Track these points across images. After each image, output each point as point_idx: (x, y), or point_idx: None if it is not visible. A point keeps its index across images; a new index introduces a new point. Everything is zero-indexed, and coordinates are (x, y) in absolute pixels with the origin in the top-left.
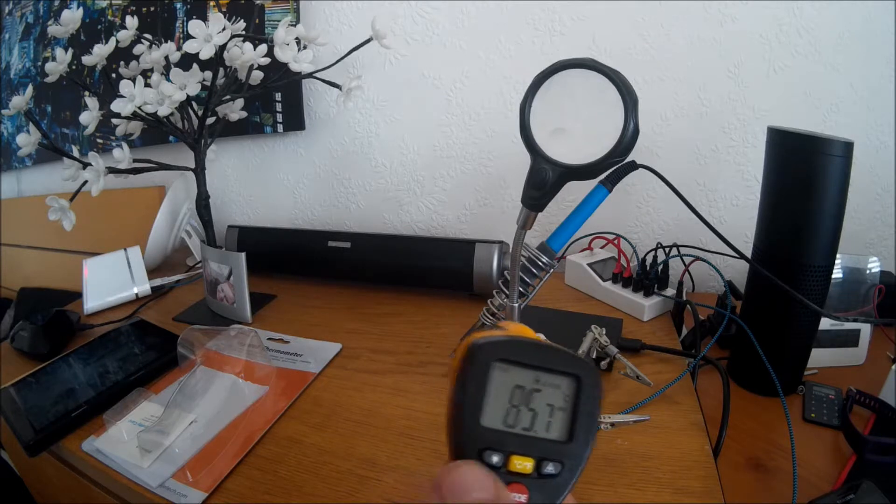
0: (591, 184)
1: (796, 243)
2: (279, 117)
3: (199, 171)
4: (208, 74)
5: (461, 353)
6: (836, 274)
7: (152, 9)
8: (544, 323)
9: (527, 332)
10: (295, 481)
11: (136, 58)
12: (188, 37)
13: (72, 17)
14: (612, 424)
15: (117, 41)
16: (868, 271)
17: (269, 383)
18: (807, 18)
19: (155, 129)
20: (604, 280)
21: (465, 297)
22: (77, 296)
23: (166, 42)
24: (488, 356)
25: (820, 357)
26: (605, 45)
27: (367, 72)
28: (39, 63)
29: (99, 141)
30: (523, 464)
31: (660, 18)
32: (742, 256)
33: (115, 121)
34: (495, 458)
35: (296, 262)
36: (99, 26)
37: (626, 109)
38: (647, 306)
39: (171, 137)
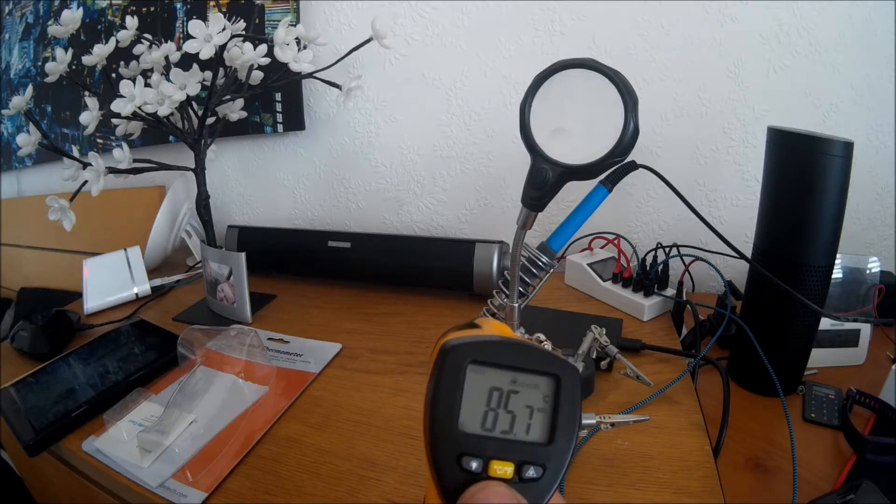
0: (591, 184)
1: (796, 243)
2: (279, 117)
3: (199, 171)
4: (208, 74)
5: (433, 355)
6: (836, 274)
7: (152, 9)
8: (544, 323)
9: (504, 330)
10: (295, 481)
11: (136, 58)
12: (188, 37)
13: (72, 17)
14: (612, 424)
15: (117, 41)
16: (868, 271)
17: (269, 383)
18: (807, 18)
19: (155, 129)
20: (604, 280)
21: (465, 297)
22: (77, 296)
23: (166, 42)
24: (461, 358)
25: (820, 357)
26: (605, 45)
27: (367, 72)
28: (39, 63)
29: (99, 141)
30: (504, 469)
31: (660, 18)
32: (742, 256)
33: (115, 121)
34: (474, 464)
35: (296, 262)
36: (99, 26)
37: (626, 109)
38: (647, 306)
39: (171, 137)
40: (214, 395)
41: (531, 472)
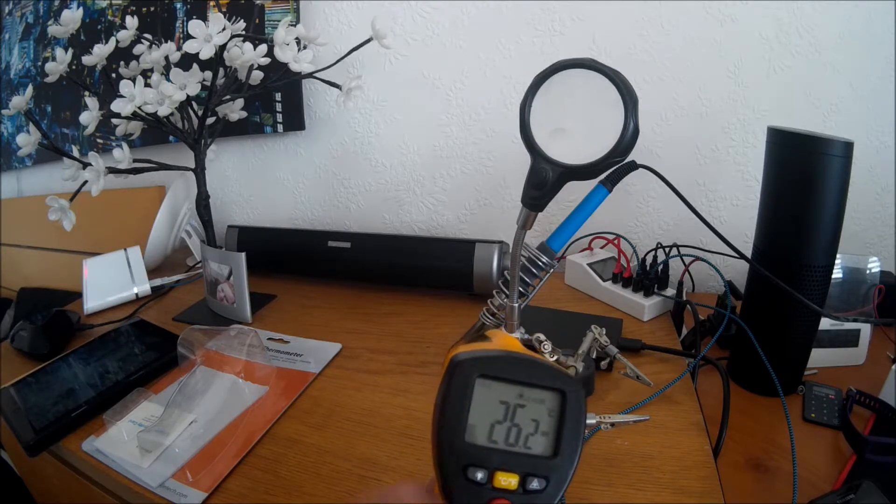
0: (591, 184)
1: (796, 243)
2: (279, 117)
3: (199, 171)
4: (208, 74)
5: (444, 366)
6: (836, 274)
7: (152, 9)
8: (544, 323)
9: (513, 344)
10: (295, 481)
11: (136, 58)
12: (188, 37)
13: (72, 17)
14: (612, 424)
15: (117, 41)
16: (868, 271)
17: (269, 383)
18: (807, 18)
19: (155, 129)
20: (604, 280)
21: (465, 297)
22: (77, 296)
23: (166, 42)
24: (470, 372)
25: (820, 357)
26: (605, 45)
27: (367, 72)
28: (39, 63)
29: (99, 141)
30: (508, 480)
31: (660, 18)
32: (742, 256)
33: (115, 121)
34: (479, 475)
35: (296, 262)
36: (99, 26)
37: (626, 109)
38: (647, 306)
39: (171, 137)
40: (214, 395)
41: (535, 484)
